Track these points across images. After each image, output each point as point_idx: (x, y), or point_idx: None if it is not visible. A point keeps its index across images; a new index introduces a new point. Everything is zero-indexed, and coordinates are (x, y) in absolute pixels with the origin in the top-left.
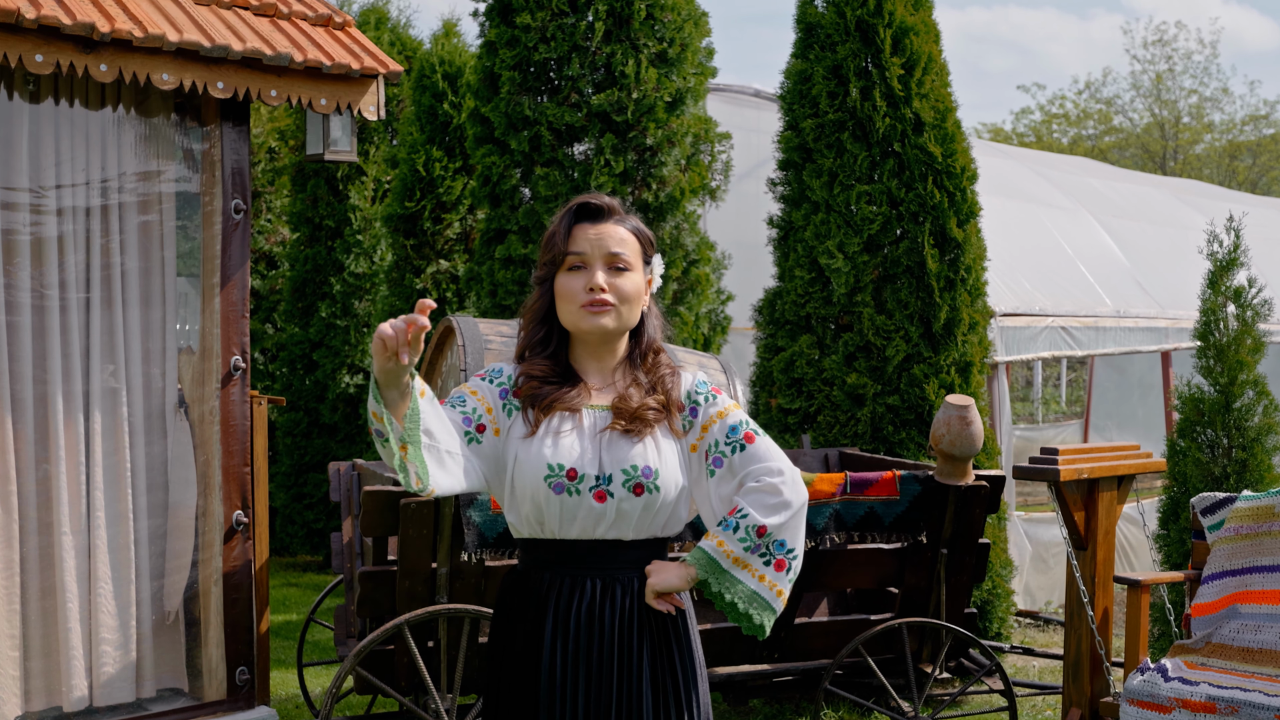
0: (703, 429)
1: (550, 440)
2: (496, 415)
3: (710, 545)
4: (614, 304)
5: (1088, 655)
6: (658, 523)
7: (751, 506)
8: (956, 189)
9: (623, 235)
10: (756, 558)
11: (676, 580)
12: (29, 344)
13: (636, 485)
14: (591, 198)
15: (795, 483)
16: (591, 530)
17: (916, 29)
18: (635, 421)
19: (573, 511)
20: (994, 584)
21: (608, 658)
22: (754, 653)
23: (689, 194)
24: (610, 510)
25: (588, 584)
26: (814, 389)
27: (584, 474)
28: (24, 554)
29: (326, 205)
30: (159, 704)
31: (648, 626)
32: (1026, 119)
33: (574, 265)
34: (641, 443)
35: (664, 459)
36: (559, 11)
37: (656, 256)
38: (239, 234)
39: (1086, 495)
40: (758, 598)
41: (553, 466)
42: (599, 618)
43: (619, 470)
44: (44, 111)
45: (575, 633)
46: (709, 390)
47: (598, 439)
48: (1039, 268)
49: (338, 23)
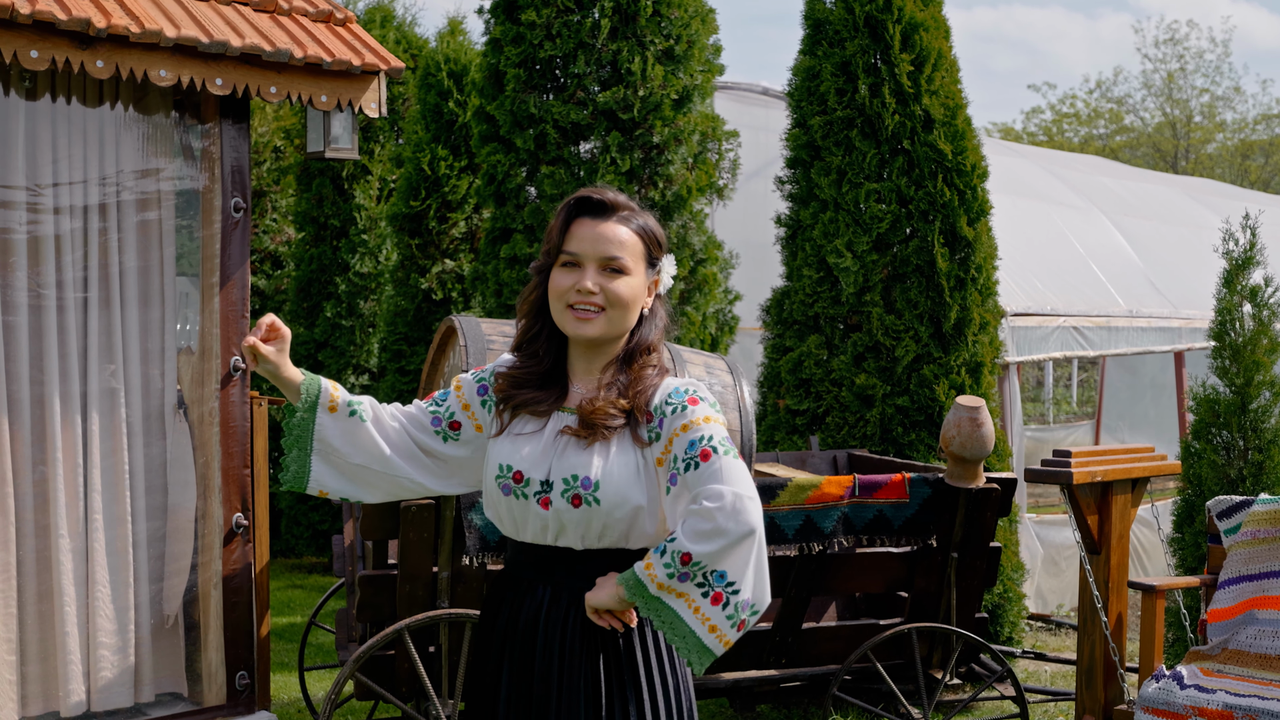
0: (668, 442)
1: (510, 441)
2: (476, 410)
3: (640, 567)
4: (602, 308)
5: (1101, 662)
6: (609, 535)
7: (682, 531)
8: (967, 187)
9: (623, 237)
10: (692, 587)
11: (608, 599)
12: (26, 344)
13: (574, 496)
14: (595, 192)
15: (738, 510)
16: (542, 536)
17: (926, 25)
18: (590, 428)
19: (523, 515)
20: (1005, 588)
21: (549, 668)
22: (761, 658)
23: (696, 193)
24: (552, 519)
25: (539, 589)
26: (822, 390)
27: (529, 478)
28: (20, 557)
29: (331, 204)
30: (158, 709)
31: (595, 640)
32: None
33: (568, 262)
34: (591, 451)
35: (610, 470)
36: (565, 8)
37: (667, 257)
38: (239, 233)
39: (1100, 498)
40: (689, 632)
41: (503, 467)
42: (543, 626)
43: (560, 478)
44: (41, 109)
45: (521, 639)
46: (683, 400)
47: (554, 443)
48: (1051, 267)
49: (339, 19)
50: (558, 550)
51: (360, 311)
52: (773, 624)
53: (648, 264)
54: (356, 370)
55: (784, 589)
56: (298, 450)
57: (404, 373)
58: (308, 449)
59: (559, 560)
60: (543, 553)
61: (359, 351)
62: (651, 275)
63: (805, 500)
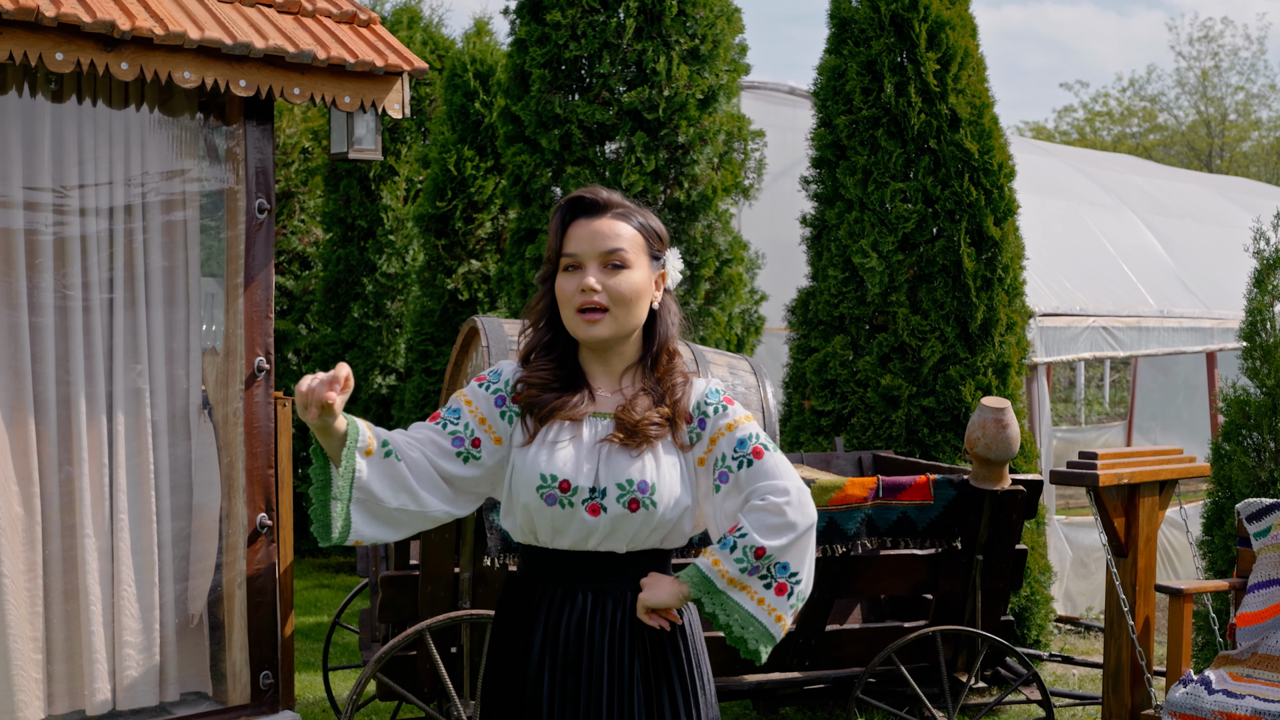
0: (710, 441)
1: (546, 450)
2: (494, 424)
3: (706, 564)
4: (607, 307)
5: (1128, 666)
6: (655, 537)
7: (752, 526)
8: (994, 186)
9: (620, 230)
10: (756, 579)
11: (668, 597)
12: (52, 345)
13: (632, 500)
14: (587, 192)
15: (802, 503)
16: (583, 542)
17: (953, 23)
18: (635, 435)
19: (564, 523)
20: (1032, 590)
21: (598, 672)
22: (784, 660)
23: (721, 193)
24: (603, 524)
25: (579, 596)
26: (847, 390)
27: (577, 486)
28: (46, 556)
29: (359, 205)
30: (182, 708)
31: (640, 640)
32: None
33: (569, 265)
34: (640, 457)
35: (663, 474)
36: (589, 9)
37: (671, 251)
38: (263, 234)
39: (1127, 501)
40: (754, 621)
41: (545, 477)
42: (589, 631)
43: (614, 484)
44: (67, 110)
45: (565, 647)
46: (720, 400)
47: (596, 450)
48: (1080, 267)
49: (362, 20)
50: (598, 555)
51: (387, 312)
52: (796, 626)
53: (650, 258)
54: (384, 371)
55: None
56: (340, 503)
57: (430, 373)
58: (348, 499)
59: (598, 564)
60: (580, 558)
61: (386, 352)
62: (656, 269)
63: (828, 502)
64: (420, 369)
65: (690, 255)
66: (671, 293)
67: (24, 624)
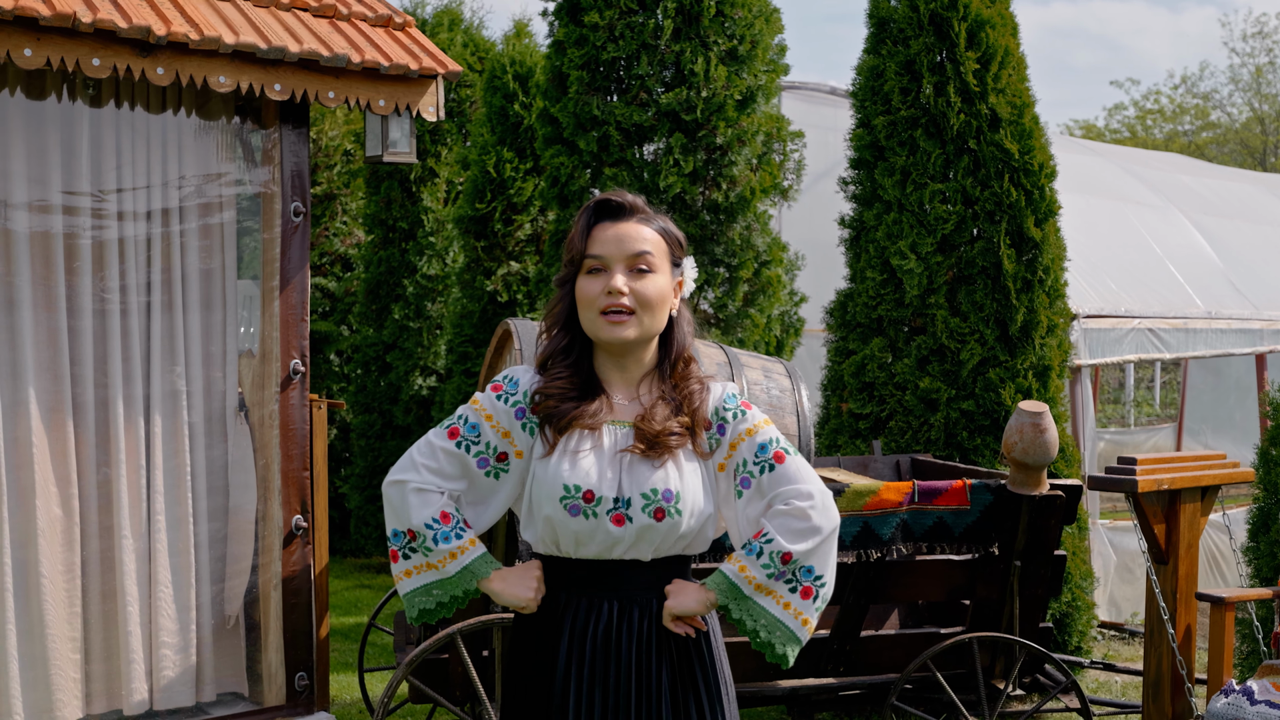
0: (730, 447)
1: (568, 460)
2: (515, 436)
3: (732, 570)
4: (634, 310)
5: (1169, 675)
6: (679, 544)
7: (777, 531)
8: (1034, 187)
9: (646, 235)
10: (782, 584)
11: (694, 604)
12: (90, 348)
13: (657, 510)
14: (612, 195)
15: (826, 507)
16: (608, 552)
17: (993, 22)
18: (656, 446)
19: (589, 534)
20: (1074, 596)
21: (625, 682)
22: (819, 666)
23: (760, 194)
24: (628, 534)
25: (604, 606)
26: (886, 393)
27: (601, 496)
28: (85, 557)
29: (400, 207)
30: (219, 708)
31: (667, 649)
32: (1120, 115)
33: (593, 268)
34: (663, 465)
35: (686, 482)
36: (628, 10)
37: (688, 259)
38: (298, 237)
39: (1167, 507)
40: (781, 626)
41: (569, 488)
42: (615, 641)
43: (639, 494)
44: (105, 115)
45: (591, 657)
46: (738, 405)
47: (618, 460)
48: (1126, 268)
49: (398, 23)
50: (622, 564)
51: (428, 314)
52: (830, 631)
53: (672, 264)
54: (424, 372)
55: (842, 596)
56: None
57: (470, 375)
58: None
59: (622, 573)
60: (604, 567)
61: (426, 354)
62: (676, 276)
63: (863, 507)
64: (460, 370)
65: (728, 257)
66: (686, 300)
67: (62, 624)
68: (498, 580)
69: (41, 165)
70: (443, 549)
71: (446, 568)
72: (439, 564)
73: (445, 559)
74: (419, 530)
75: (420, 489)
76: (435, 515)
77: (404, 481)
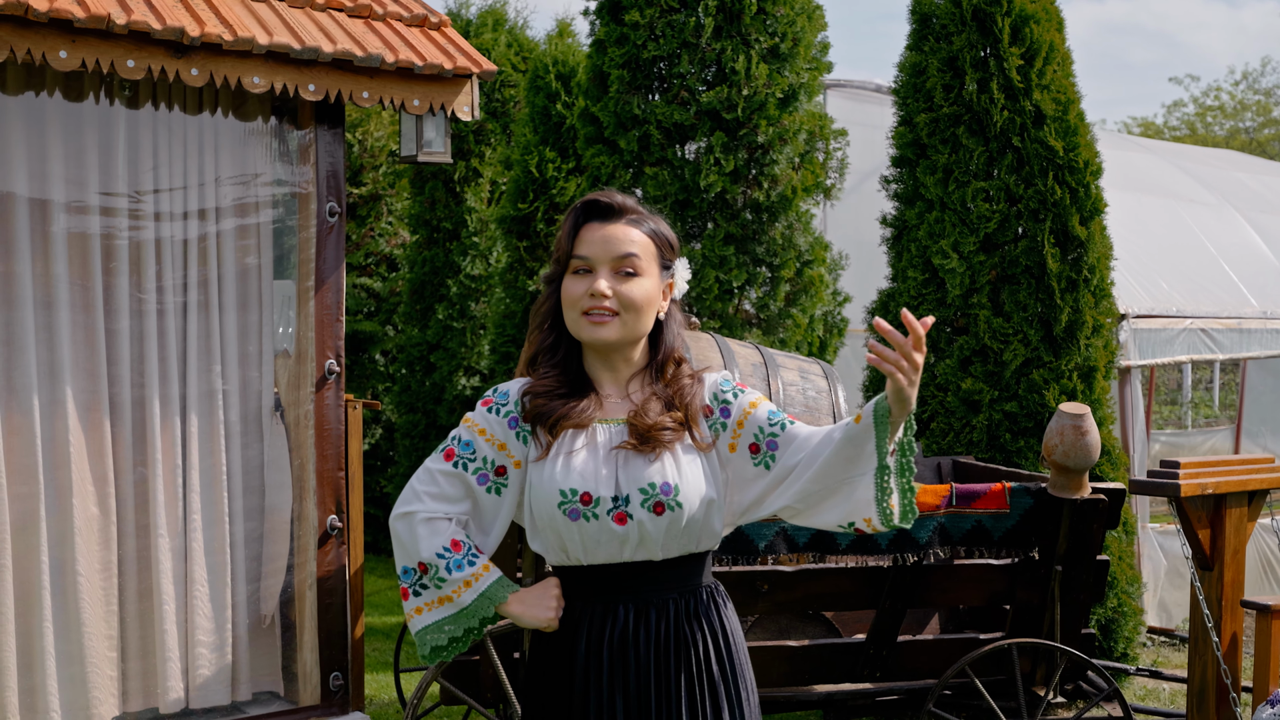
0: (738, 425)
1: (562, 462)
2: (511, 446)
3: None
4: (617, 312)
5: (1213, 684)
6: (687, 539)
7: None
8: (1079, 184)
9: (634, 238)
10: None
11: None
12: (127, 348)
13: (656, 504)
14: (601, 195)
15: None
16: (618, 554)
17: (1037, 17)
18: (649, 441)
19: (595, 537)
20: (1120, 601)
21: (644, 686)
22: (856, 670)
23: (802, 193)
24: (632, 532)
25: (620, 610)
26: (927, 395)
27: (599, 496)
28: (121, 555)
29: (444, 208)
30: (255, 707)
31: (685, 651)
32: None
33: (579, 269)
34: (659, 459)
35: (684, 472)
36: (668, 8)
37: (680, 260)
38: (334, 237)
39: (1213, 512)
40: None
41: (565, 492)
42: (633, 645)
43: (636, 489)
44: (142, 116)
45: (610, 662)
46: (735, 386)
47: (612, 457)
48: (1178, 267)
49: (433, 23)
50: (635, 565)
51: (471, 313)
52: (867, 636)
53: (661, 266)
54: (468, 372)
55: (878, 600)
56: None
57: (513, 375)
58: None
59: (636, 576)
60: (617, 571)
61: (470, 354)
62: (665, 279)
63: None
64: (503, 370)
65: (770, 256)
66: (678, 302)
67: (99, 622)
68: (516, 603)
69: (79, 166)
70: (456, 577)
71: (462, 597)
72: (454, 594)
73: (460, 588)
74: (430, 562)
75: (429, 518)
76: (446, 544)
77: (411, 513)
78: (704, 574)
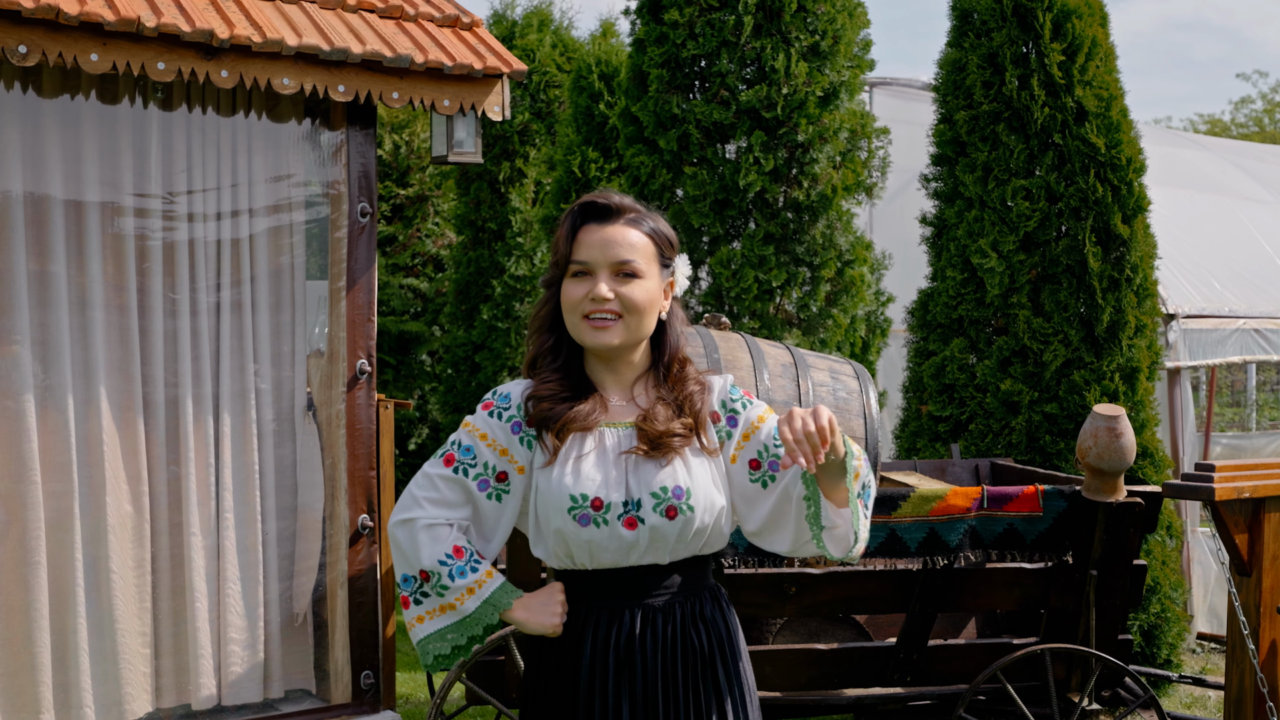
0: (744, 437)
1: (571, 468)
2: (514, 451)
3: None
4: (619, 315)
5: (1251, 693)
6: (696, 543)
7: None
8: (1122, 182)
9: (633, 239)
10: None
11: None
12: (161, 348)
13: (669, 508)
14: (599, 196)
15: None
16: (624, 558)
17: (1079, 11)
18: (660, 448)
19: (602, 543)
20: (1163, 607)
21: (650, 689)
22: (886, 675)
23: (843, 192)
24: (642, 537)
25: (626, 615)
26: (966, 395)
27: (610, 502)
28: (155, 553)
29: (489, 208)
30: (287, 704)
31: (690, 653)
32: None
33: (578, 272)
34: (670, 464)
35: (695, 477)
36: (708, 7)
37: (680, 258)
38: (365, 237)
39: (1251, 516)
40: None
41: (576, 498)
42: (639, 649)
43: (648, 494)
44: (175, 118)
45: (615, 667)
46: (743, 396)
47: (621, 461)
48: (1231, 266)
49: (465, 23)
50: (640, 569)
51: (515, 314)
52: (897, 640)
53: (661, 266)
54: (512, 372)
55: (907, 603)
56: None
57: None
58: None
59: (641, 579)
60: (622, 575)
61: (514, 354)
62: (666, 277)
63: (929, 512)
64: None
65: (810, 256)
66: (679, 300)
67: (132, 619)
68: (520, 609)
69: (113, 168)
70: (460, 584)
71: (465, 604)
72: (456, 602)
73: (463, 595)
74: (432, 569)
75: (430, 524)
76: (448, 551)
77: (411, 520)
78: (707, 576)
